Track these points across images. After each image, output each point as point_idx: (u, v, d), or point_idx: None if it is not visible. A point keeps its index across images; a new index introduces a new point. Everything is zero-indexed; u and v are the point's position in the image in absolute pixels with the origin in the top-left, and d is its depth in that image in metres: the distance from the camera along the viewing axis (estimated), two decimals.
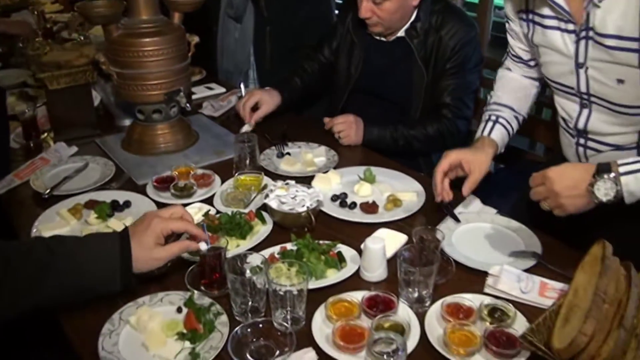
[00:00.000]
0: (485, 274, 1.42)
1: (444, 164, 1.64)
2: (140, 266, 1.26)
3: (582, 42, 1.45)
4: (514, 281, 1.38)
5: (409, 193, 1.76)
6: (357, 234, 1.57)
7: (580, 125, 1.58)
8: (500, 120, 1.75)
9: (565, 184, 1.36)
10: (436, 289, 1.36)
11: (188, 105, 2.01)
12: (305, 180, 1.85)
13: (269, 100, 2.28)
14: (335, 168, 1.95)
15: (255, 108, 2.25)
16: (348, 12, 2.33)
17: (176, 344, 1.20)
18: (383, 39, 2.24)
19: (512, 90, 1.82)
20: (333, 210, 1.69)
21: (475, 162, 1.64)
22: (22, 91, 2.59)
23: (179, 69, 2.00)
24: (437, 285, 1.38)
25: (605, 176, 1.31)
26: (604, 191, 1.32)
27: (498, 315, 1.27)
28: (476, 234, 1.61)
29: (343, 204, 1.72)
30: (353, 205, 1.71)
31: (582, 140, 1.62)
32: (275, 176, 1.91)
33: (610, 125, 1.52)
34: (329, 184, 1.81)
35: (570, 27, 1.48)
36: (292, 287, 1.23)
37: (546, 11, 1.54)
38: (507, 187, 2.16)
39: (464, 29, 2.14)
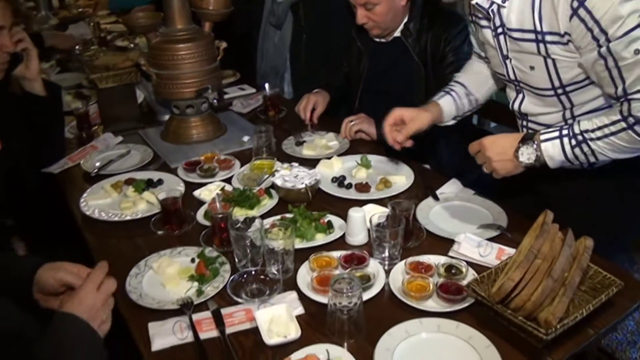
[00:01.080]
0: (452, 242, 1.67)
1: (389, 119, 1.94)
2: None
3: (501, 37, 1.69)
4: (474, 246, 1.63)
5: (399, 176, 2.03)
6: (349, 208, 1.84)
7: (516, 107, 1.82)
8: (452, 93, 2.01)
9: (496, 151, 1.63)
10: (408, 251, 1.62)
11: (215, 101, 2.33)
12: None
13: (322, 101, 2.60)
14: (344, 154, 2.25)
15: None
16: (353, 22, 2.61)
17: (187, 284, 1.51)
18: (383, 40, 2.51)
19: (470, 73, 2.07)
20: (332, 189, 1.97)
21: (416, 117, 1.93)
22: (78, 91, 2.98)
23: (208, 70, 2.32)
24: (409, 248, 1.65)
25: (529, 143, 1.57)
26: (526, 155, 1.58)
27: (453, 271, 1.53)
28: (451, 210, 1.86)
29: (341, 185, 2.00)
30: (349, 185, 1.99)
31: (524, 122, 1.85)
32: (301, 160, 2.21)
33: (538, 107, 1.75)
34: (331, 168, 2.10)
35: (486, 23, 1.73)
36: (281, 245, 1.52)
37: (478, 12, 1.77)
38: None
39: (452, 24, 2.37)
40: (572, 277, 1.38)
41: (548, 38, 1.56)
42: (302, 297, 1.47)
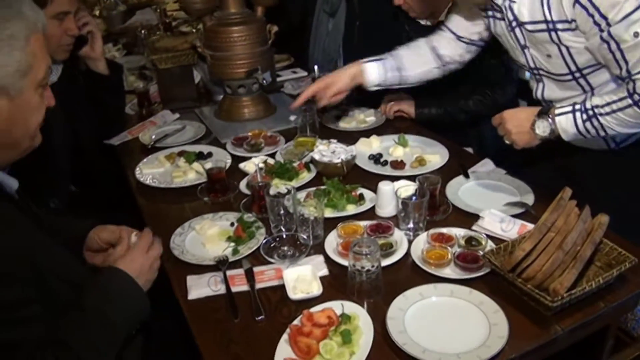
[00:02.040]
0: (478, 217, 1.75)
1: (308, 92, 2.23)
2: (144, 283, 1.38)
3: (517, 30, 1.77)
4: (497, 222, 1.70)
5: (435, 155, 2.11)
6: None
7: (539, 95, 1.88)
8: (383, 61, 2.20)
9: (514, 123, 1.74)
10: (434, 224, 1.72)
11: (264, 80, 2.46)
12: (363, 133, 2.33)
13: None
14: (381, 130, 2.36)
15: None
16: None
17: (225, 244, 1.65)
18: (429, 23, 2.57)
19: (414, 51, 2.23)
20: (368, 166, 2.08)
21: (335, 81, 2.20)
22: (141, 72, 3.18)
23: (259, 52, 2.46)
24: (435, 221, 1.74)
25: (544, 117, 1.67)
26: (542, 128, 1.69)
27: (473, 243, 1.61)
28: (481, 187, 1.93)
29: (377, 162, 2.10)
30: (385, 162, 2.09)
31: None
32: (336, 132, 2.37)
33: (560, 92, 1.81)
34: (369, 146, 2.20)
35: (505, 19, 1.79)
36: (312, 213, 1.64)
37: (492, 7, 1.86)
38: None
39: None
40: (584, 250, 1.43)
41: (559, 26, 1.64)
42: (328, 261, 1.58)
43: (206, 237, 1.67)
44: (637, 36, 1.48)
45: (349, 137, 2.28)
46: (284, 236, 1.64)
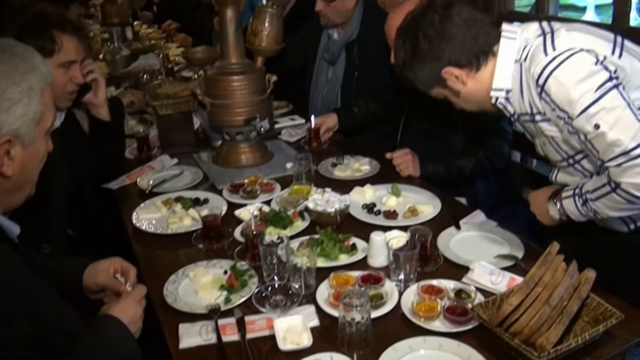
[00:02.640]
0: (468, 269, 1.77)
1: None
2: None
3: (517, 122, 1.84)
4: (486, 274, 1.72)
5: (427, 206, 2.14)
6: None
7: (554, 179, 1.92)
8: None
9: (535, 208, 1.84)
10: (424, 275, 1.74)
11: (262, 128, 2.52)
12: (357, 182, 2.36)
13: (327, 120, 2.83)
14: (375, 179, 2.40)
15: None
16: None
17: (217, 293, 1.67)
18: None
19: None
20: (361, 215, 2.11)
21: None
22: (141, 116, 3.24)
23: (257, 101, 2.52)
24: (426, 273, 1.77)
25: (554, 201, 1.75)
26: (554, 212, 1.77)
27: (463, 296, 1.63)
28: (471, 239, 1.96)
29: (370, 211, 2.13)
30: (378, 212, 2.12)
31: None
32: (331, 181, 2.41)
33: (568, 176, 1.85)
34: (363, 195, 2.24)
35: (507, 114, 1.85)
36: (304, 262, 1.67)
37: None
38: None
39: None
40: (570, 306, 1.46)
41: (537, 117, 1.72)
42: (320, 311, 1.60)
43: (199, 284, 1.70)
44: (598, 128, 1.52)
45: (344, 186, 2.32)
46: (276, 285, 1.66)
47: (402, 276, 1.70)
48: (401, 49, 1.79)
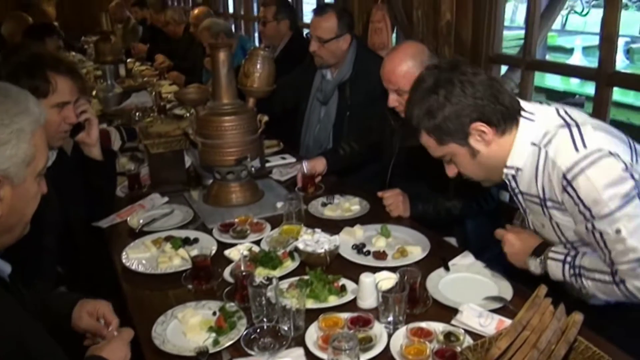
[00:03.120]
0: (457, 311, 1.78)
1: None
2: None
3: (519, 196, 1.88)
4: (475, 316, 1.73)
5: (417, 247, 2.16)
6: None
7: (530, 226, 1.97)
8: None
9: (513, 250, 1.85)
10: (414, 318, 1.74)
11: (253, 168, 2.54)
12: (347, 222, 2.37)
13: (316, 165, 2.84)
14: (365, 219, 2.41)
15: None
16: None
17: (206, 335, 1.66)
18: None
19: None
20: (351, 255, 2.12)
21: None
22: (133, 154, 3.25)
23: (249, 141, 2.55)
24: (415, 315, 1.77)
25: (538, 257, 1.78)
26: (534, 267, 1.80)
27: (452, 339, 1.63)
28: (460, 281, 1.97)
29: (360, 252, 2.14)
30: (367, 252, 2.13)
31: None
32: (320, 220, 2.42)
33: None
34: (353, 235, 2.25)
35: (509, 188, 1.90)
36: (293, 304, 1.67)
37: None
38: None
39: None
40: (558, 350, 1.46)
41: (549, 204, 1.76)
42: (309, 354, 1.60)
43: (188, 326, 1.69)
44: (619, 233, 1.58)
45: (334, 226, 2.33)
46: (265, 327, 1.66)
47: (391, 318, 1.71)
48: (429, 95, 1.74)
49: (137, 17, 7.79)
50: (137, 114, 3.89)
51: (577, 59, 9.42)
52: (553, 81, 9.10)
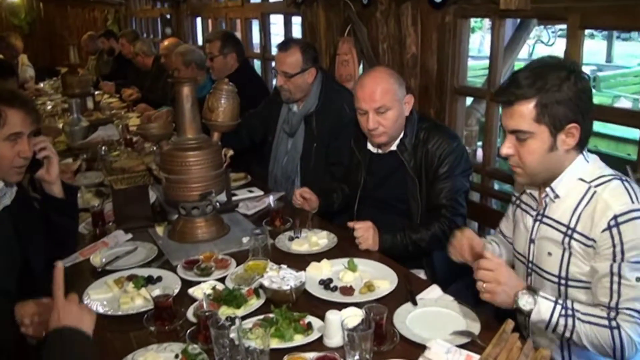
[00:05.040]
0: (425, 347, 1.75)
1: None
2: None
3: (538, 223, 1.93)
4: (443, 352, 1.70)
5: (384, 281, 2.13)
6: (331, 309, 1.95)
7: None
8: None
9: (503, 280, 1.76)
10: (381, 355, 1.72)
11: (218, 203, 2.50)
12: (314, 257, 2.35)
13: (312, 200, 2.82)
14: (333, 253, 2.39)
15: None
16: (353, 134, 2.82)
17: None
18: (380, 151, 2.70)
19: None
20: (318, 291, 2.09)
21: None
22: (98, 190, 3.20)
23: (213, 175, 2.52)
24: (382, 352, 1.74)
25: (531, 294, 1.74)
26: (523, 302, 1.74)
27: None
28: (428, 315, 1.95)
29: (327, 287, 2.11)
30: (334, 288, 2.10)
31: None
32: (287, 255, 2.40)
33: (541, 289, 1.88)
34: (320, 270, 2.22)
35: (533, 211, 1.97)
36: (257, 345, 1.63)
37: (524, 197, 2.04)
38: None
39: (447, 141, 2.59)
40: None
41: (576, 236, 1.80)
42: None
43: None
44: (639, 281, 1.67)
45: (301, 261, 2.30)
46: None
47: (357, 356, 1.67)
48: (563, 74, 1.75)
49: (105, 48, 7.76)
50: (103, 147, 3.83)
51: None
52: None
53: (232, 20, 6.15)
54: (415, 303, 2.00)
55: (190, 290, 2.09)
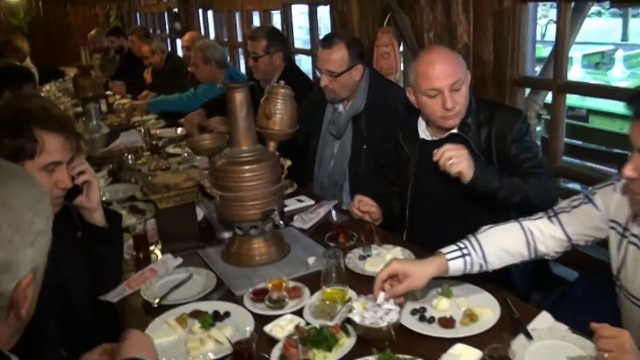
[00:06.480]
0: None
1: (383, 274, 1.83)
2: None
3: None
4: None
5: (485, 309, 1.87)
6: (435, 347, 1.70)
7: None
8: (466, 258, 1.89)
9: (630, 347, 1.44)
10: None
11: (281, 222, 2.23)
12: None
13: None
14: None
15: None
16: (400, 128, 2.62)
17: None
18: (434, 137, 2.45)
19: (502, 244, 1.94)
20: (412, 324, 1.82)
21: (413, 275, 1.82)
22: (132, 205, 2.91)
23: (273, 191, 2.24)
24: None
25: None
26: None
27: None
28: (546, 350, 1.68)
29: (422, 318, 1.85)
30: (432, 319, 1.84)
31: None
32: (362, 278, 2.12)
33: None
34: (407, 296, 1.95)
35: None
36: None
37: (637, 229, 1.73)
38: (586, 300, 2.24)
39: (513, 115, 2.37)
40: None
41: None
42: None
43: None
44: None
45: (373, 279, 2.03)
46: None
47: None
48: None
49: (114, 46, 7.44)
50: (130, 156, 3.56)
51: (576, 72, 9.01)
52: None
53: (248, 12, 5.84)
54: (529, 336, 1.73)
55: (267, 329, 1.82)
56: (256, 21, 5.80)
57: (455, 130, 2.40)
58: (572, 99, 7.35)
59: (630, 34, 14.11)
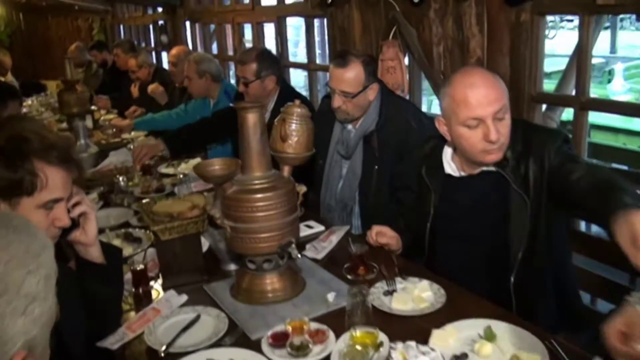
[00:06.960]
0: None
1: None
2: None
3: None
4: None
5: (534, 354, 1.68)
6: None
7: None
8: None
9: None
10: None
11: (299, 255, 2.03)
12: (426, 319, 1.90)
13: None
14: (448, 318, 1.89)
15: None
16: (422, 159, 2.38)
17: None
18: (463, 173, 2.22)
19: None
20: None
21: None
22: (127, 232, 2.68)
23: (290, 221, 2.04)
24: None
25: None
26: None
27: None
28: None
29: None
30: None
31: None
32: (390, 317, 1.93)
33: None
34: (446, 341, 1.75)
35: None
36: None
37: None
38: None
39: (553, 136, 2.07)
40: None
41: None
42: None
43: None
44: None
45: (411, 325, 1.86)
46: None
47: None
48: None
49: (97, 60, 7.20)
50: (121, 178, 3.32)
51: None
52: None
53: (240, 25, 5.64)
54: None
55: None
56: (248, 34, 5.60)
57: (490, 167, 2.10)
58: (568, 113, 7.21)
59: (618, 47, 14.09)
